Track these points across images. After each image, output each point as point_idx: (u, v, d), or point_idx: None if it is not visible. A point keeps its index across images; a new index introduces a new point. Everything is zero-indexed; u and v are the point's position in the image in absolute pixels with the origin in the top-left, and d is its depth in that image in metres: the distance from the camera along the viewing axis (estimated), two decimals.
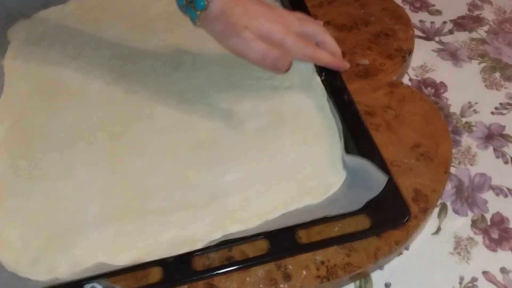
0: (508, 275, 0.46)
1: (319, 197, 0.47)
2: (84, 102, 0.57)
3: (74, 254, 0.45)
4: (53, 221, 0.47)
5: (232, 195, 0.48)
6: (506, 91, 0.60)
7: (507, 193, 0.51)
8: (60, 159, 0.52)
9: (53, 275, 0.44)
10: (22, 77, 0.60)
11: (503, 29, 0.67)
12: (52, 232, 0.46)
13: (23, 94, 0.58)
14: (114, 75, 0.59)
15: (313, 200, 0.47)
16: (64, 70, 0.60)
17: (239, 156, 0.51)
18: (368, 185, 0.46)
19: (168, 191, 0.49)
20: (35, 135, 0.54)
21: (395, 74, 0.58)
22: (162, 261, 0.43)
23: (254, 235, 0.44)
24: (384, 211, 0.45)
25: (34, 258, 0.45)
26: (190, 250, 0.44)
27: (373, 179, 0.45)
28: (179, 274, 0.42)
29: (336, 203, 0.46)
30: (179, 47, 0.61)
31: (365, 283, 0.46)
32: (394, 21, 0.65)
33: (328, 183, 0.48)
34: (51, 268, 0.44)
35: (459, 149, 0.55)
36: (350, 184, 0.48)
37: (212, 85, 0.57)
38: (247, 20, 0.50)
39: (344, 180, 0.48)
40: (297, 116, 0.54)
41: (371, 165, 0.46)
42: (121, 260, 0.44)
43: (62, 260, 0.44)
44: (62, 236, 0.46)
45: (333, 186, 0.48)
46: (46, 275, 0.44)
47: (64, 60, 0.61)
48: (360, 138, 0.50)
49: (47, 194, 0.49)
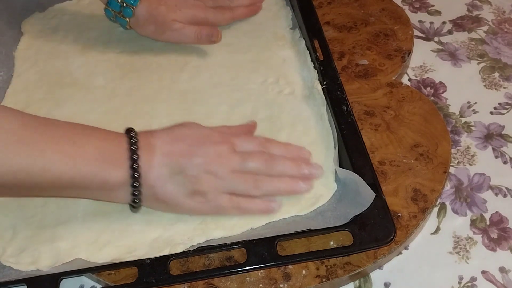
0: (507, 274, 0.46)
1: (306, 209, 0.47)
2: (88, 96, 0.58)
3: (58, 247, 0.45)
4: (43, 213, 0.48)
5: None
6: (505, 91, 0.60)
7: (506, 193, 0.51)
8: None
9: (36, 266, 0.44)
10: (31, 68, 0.61)
11: (502, 29, 0.67)
12: (41, 224, 0.47)
13: (31, 85, 0.59)
14: (120, 71, 0.60)
15: (299, 212, 0.47)
16: (72, 64, 0.61)
17: None
18: (356, 200, 0.45)
19: None
20: None
21: (395, 74, 0.58)
22: (138, 262, 0.43)
23: (234, 243, 0.44)
24: (369, 228, 0.44)
25: (20, 248, 0.46)
26: (170, 253, 0.44)
27: (361, 195, 0.45)
28: (154, 277, 0.42)
29: (322, 216, 0.46)
30: (187, 47, 0.62)
31: (365, 283, 0.46)
32: (394, 21, 0.65)
33: (317, 195, 0.48)
34: (34, 259, 0.45)
35: (458, 149, 0.55)
36: (339, 198, 0.47)
37: (215, 87, 0.58)
38: (172, 14, 0.58)
39: (333, 193, 0.48)
40: (294, 124, 0.53)
41: (362, 181, 0.45)
42: (102, 257, 0.44)
43: (46, 253, 0.45)
44: (49, 228, 0.47)
45: (321, 199, 0.47)
46: (28, 265, 0.44)
47: (74, 54, 0.62)
48: (355, 151, 0.49)
49: None
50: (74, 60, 0.62)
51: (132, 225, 0.46)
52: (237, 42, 0.63)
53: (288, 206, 0.47)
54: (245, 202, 0.46)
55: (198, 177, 0.44)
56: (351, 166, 0.47)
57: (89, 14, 0.67)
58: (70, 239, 0.46)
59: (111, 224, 0.47)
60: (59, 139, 0.41)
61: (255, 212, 0.46)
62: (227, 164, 0.45)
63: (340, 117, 0.51)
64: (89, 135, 0.43)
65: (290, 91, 0.57)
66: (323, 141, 0.51)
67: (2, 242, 0.46)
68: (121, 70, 0.60)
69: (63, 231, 0.46)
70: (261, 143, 0.48)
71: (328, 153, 0.50)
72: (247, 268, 0.43)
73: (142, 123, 0.54)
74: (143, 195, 0.44)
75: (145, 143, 0.44)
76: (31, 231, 0.47)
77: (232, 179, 0.45)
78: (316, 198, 0.47)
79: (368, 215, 0.44)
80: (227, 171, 0.45)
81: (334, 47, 0.61)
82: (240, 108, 0.55)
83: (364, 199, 0.44)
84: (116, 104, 0.57)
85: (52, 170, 0.40)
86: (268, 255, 0.43)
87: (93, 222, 0.47)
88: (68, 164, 0.40)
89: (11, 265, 0.44)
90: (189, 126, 0.47)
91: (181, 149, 0.44)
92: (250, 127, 0.52)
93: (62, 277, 0.43)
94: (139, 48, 0.63)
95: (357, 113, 0.54)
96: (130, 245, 0.45)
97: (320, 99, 0.54)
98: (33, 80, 0.60)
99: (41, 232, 0.46)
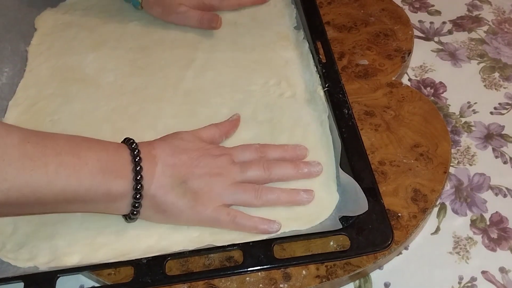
0: (507, 274, 0.46)
1: (307, 224, 0.46)
2: (97, 92, 0.58)
3: (55, 245, 0.46)
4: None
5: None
6: (505, 91, 0.60)
7: (506, 193, 0.51)
8: None
9: (33, 263, 0.44)
10: (43, 63, 0.62)
11: (502, 29, 0.67)
12: (42, 220, 0.47)
13: (42, 80, 0.60)
14: (129, 68, 0.61)
15: (300, 227, 0.46)
16: (84, 60, 0.62)
17: None
18: (353, 207, 0.45)
19: None
20: (46, 123, 0.56)
21: (395, 74, 0.58)
22: (135, 262, 0.43)
23: (230, 246, 0.44)
24: (366, 233, 0.43)
25: (19, 243, 0.46)
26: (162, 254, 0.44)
27: (357, 203, 0.44)
28: (150, 277, 0.42)
29: (320, 224, 0.46)
30: (195, 43, 0.63)
31: (365, 283, 0.46)
32: (394, 22, 0.65)
33: (318, 210, 0.47)
34: (33, 255, 0.45)
35: (458, 149, 0.55)
36: (338, 206, 0.47)
37: (218, 87, 0.58)
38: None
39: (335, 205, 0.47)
40: (294, 128, 0.53)
41: (361, 191, 0.45)
42: (97, 258, 0.44)
43: (44, 250, 0.45)
44: (49, 226, 0.47)
45: (324, 213, 0.46)
46: (26, 262, 0.45)
47: (85, 50, 0.63)
48: (355, 155, 0.48)
49: None
50: (86, 56, 0.62)
51: (129, 229, 0.46)
52: (242, 41, 0.63)
53: (290, 221, 0.46)
54: (243, 218, 0.45)
55: (200, 188, 0.44)
56: (351, 169, 0.47)
57: (101, 9, 0.68)
58: (68, 238, 0.46)
59: (108, 227, 0.47)
60: (61, 152, 0.41)
61: (251, 230, 0.45)
62: (227, 175, 0.46)
63: (341, 120, 0.51)
64: (90, 147, 0.43)
65: (292, 94, 0.57)
66: (322, 147, 0.51)
67: (2, 237, 0.46)
68: (130, 67, 0.61)
69: (62, 229, 0.47)
70: (258, 150, 0.49)
71: (328, 160, 0.50)
72: (242, 270, 0.43)
73: (147, 123, 0.55)
74: (143, 206, 0.44)
75: (147, 154, 0.44)
76: (31, 228, 0.47)
77: (233, 189, 0.46)
78: (318, 213, 0.46)
79: (366, 220, 0.44)
80: (228, 182, 0.46)
81: (334, 47, 0.61)
82: (241, 110, 0.55)
83: (361, 206, 0.44)
84: (123, 102, 0.57)
85: (57, 183, 0.39)
86: (264, 257, 0.43)
87: (92, 222, 0.47)
88: (72, 176, 0.40)
89: (9, 261, 0.45)
90: (187, 138, 0.48)
91: (183, 161, 0.45)
92: (236, 121, 0.53)
93: (59, 274, 0.43)
94: (149, 43, 0.63)
95: (357, 113, 0.54)
96: (124, 249, 0.45)
97: (322, 104, 0.54)
98: (45, 76, 0.61)
99: (41, 229, 0.47)
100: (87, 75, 0.60)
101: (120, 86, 0.59)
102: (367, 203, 0.44)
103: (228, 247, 0.44)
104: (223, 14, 0.65)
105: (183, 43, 0.63)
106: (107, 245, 0.45)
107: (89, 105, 0.57)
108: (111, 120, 0.55)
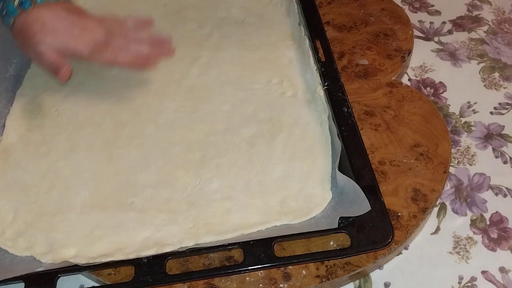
0: (507, 274, 0.46)
1: (298, 218, 0.46)
2: (102, 84, 0.59)
3: (53, 236, 0.46)
4: (45, 199, 0.49)
5: (214, 204, 0.48)
6: (505, 91, 0.60)
7: (506, 193, 0.51)
8: (67, 140, 0.54)
9: (30, 252, 0.45)
10: None
11: (502, 29, 0.67)
12: (41, 210, 0.48)
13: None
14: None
15: (292, 220, 0.46)
16: None
17: (230, 162, 0.51)
18: (350, 209, 0.45)
19: (154, 189, 0.49)
20: (51, 112, 0.57)
21: (395, 74, 0.58)
22: (135, 261, 0.43)
23: (231, 244, 0.44)
24: (366, 231, 0.43)
25: (18, 232, 0.47)
26: (158, 253, 0.44)
27: (357, 205, 0.44)
28: (150, 276, 0.42)
29: (316, 223, 0.46)
30: (201, 41, 0.63)
31: (365, 283, 0.46)
32: (394, 21, 0.65)
33: (310, 206, 0.47)
34: (30, 245, 0.46)
35: (458, 149, 0.55)
36: (335, 206, 0.47)
37: (221, 84, 0.58)
38: (42, 36, 0.52)
39: (328, 202, 0.47)
40: (293, 128, 0.53)
41: (361, 192, 0.44)
42: (94, 252, 0.45)
43: (42, 240, 0.46)
44: (48, 216, 0.48)
45: (315, 209, 0.47)
46: (24, 251, 0.45)
47: None
48: (354, 153, 0.48)
49: (47, 172, 0.51)
50: None
51: (126, 222, 0.47)
52: (249, 39, 0.63)
53: (281, 215, 0.47)
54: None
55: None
56: (351, 168, 0.47)
57: (110, 3, 0.69)
58: (66, 229, 0.47)
59: (106, 220, 0.47)
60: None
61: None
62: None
63: (341, 119, 0.51)
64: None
65: (293, 94, 0.57)
66: (321, 147, 0.51)
67: (2, 224, 0.47)
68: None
69: (60, 220, 0.48)
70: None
71: (326, 160, 0.50)
72: (243, 269, 0.43)
73: (148, 117, 0.56)
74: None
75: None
76: (31, 217, 0.48)
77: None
78: (309, 209, 0.47)
79: (366, 218, 0.44)
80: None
81: (334, 47, 0.61)
82: (242, 108, 0.55)
83: (359, 210, 0.44)
84: (127, 95, 0.58)
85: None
86: (265, 256, 0.43)
87: (89, 215, 0.48)
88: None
89: (7, 249, 0.45)
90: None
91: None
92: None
93: (60, 274, 0.43)
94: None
95: (357, 113, 0.54)
96: (121, 242, 0.46)
97: (322, 105, 0.54)
98: None
99: (40, 219, 0.48)
100: (93, 68, 0.60)
101: (124, 80, 0.60)
102: (368, 207, 0.44)
103: (229, 246, 0.44)
104: (231, 13, 0.66)
105: (189, 41, 0.63)
106: (104, 238, 0.46)
107: (94, 96, 0.58)
108: (113, 112, 0.56)
